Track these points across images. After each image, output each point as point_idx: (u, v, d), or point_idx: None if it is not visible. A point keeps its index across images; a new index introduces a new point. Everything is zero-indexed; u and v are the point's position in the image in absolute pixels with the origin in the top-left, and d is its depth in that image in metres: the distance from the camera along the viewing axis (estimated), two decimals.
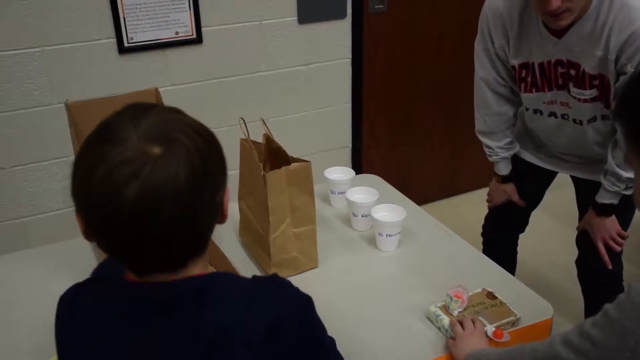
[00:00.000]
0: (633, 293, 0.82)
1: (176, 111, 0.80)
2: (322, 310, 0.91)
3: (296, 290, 0.87)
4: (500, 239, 2.16)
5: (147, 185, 0.71)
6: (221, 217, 0.84)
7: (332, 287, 1.45)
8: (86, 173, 0.74)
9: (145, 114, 0.77)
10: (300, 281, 0.88)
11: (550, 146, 1.86)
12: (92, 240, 0.79)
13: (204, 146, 0.77)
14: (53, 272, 1.50)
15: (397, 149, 3.15)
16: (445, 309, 1.31)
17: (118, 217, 0.72)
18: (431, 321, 1.32)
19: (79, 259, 1.42)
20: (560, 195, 2.45)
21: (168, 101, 1.54)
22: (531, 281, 1.48)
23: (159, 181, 0.72)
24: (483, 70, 1.79)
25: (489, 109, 1.84)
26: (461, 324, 1.24)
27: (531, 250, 2.55)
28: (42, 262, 1.55)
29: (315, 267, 1.52)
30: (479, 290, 1.37)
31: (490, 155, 1.94)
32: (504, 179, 1.97)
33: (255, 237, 1.52)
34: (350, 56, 2.76)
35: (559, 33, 1.54)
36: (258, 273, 1.51)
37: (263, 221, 1.44)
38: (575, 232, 1.92)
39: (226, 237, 1.65)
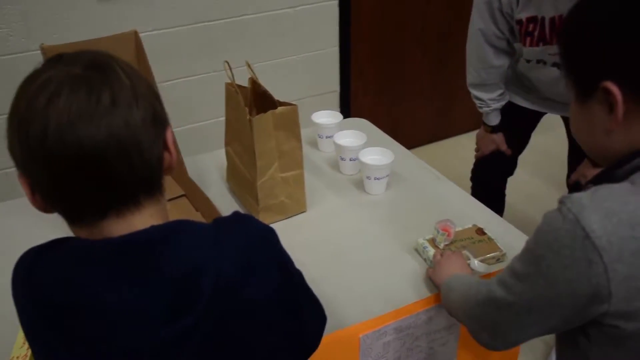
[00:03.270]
0: (542, 220, 0.81)
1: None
2: (311, 254, 0.91)
3: (259, 223, 0.83)
4: (489, 183, 2.17)
5: (70, 102, 0.66)
6: (168, 154, 0.76)
7: (320, 231, 1.45)
8: (12, 117, 0.69)
9: (64, 54, 0.72)
10: (289, 226, 0.87)
11: (544, 91, 1.84)
12: (38, 203, 0.73)
13: (129, 68, 0.73)
14: (37, 224, 1.49)
15: (386, 93, 3.11)
16: (433, 242, 1.33)
17: (46, 146, 0.66)
18: (419, 253, 1.34)
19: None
20: (547, 138, 2.45)
21: (151, 46, 1.50)
22: (518, 222, 1.49)
23: (82, 98, 0.67)
24: (483, 23, 1.76)
25: (485, 62, 1.82)
26: (442, 256, 1.26)
27: (519, 193, 2.57)
28: (26, 214, 1.54)
29: (303, 212, 1.52)
30: (470, 226, 1.39)
31: (481, 107, 1.92)
32: (493, 129, 1.96)
33: (242, 183, 1.51)
34: None
35: None
36: None
37: (250, 166, 1.43)
38: (563, 174, 1.93)
39: (213, 183, 1.64)
